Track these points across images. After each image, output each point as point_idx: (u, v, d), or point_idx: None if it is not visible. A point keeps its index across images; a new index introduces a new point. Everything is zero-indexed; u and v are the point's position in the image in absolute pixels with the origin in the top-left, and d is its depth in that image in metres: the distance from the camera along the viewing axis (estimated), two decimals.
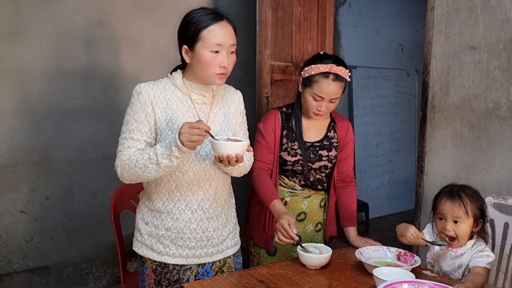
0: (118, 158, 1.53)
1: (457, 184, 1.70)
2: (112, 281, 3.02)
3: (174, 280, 1.61)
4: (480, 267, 1.56)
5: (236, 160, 1.44)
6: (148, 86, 1.55)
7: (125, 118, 1.55)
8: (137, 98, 1.53)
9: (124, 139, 1.54)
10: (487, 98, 2.19)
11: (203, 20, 1.50)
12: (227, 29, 1.52)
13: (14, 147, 2.62)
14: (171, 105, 1.55)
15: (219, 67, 1.50)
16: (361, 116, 4.60)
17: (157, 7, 2.97)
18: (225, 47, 1.50)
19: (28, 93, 2.63)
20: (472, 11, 2.23)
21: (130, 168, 1.48)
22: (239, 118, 1.72)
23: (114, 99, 2.86)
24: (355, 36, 4.48)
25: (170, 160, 1.42)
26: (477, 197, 1.64)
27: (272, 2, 2.78)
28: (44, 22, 2.64)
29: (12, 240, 2.66)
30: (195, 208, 1.59)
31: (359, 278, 1.56)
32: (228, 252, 1.70)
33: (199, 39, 1.49)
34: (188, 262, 1.61)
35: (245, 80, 3.24)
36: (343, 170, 2.03)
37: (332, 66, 1.80)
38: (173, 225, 1.58)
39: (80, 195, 2.84)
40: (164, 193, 1.58)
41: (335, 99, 1.84)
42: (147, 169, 1.46)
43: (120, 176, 1.54)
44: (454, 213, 1.61)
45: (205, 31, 1.48)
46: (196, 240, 1.60)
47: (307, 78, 1.85)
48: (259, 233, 1.97)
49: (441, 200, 1.66)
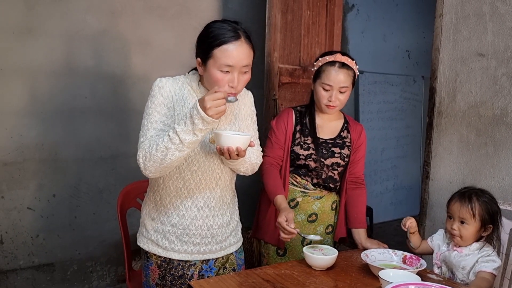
0: (140, 149, 1.48)
1: (475, 188, 1.72)
2: (116, 280, 3.03)
3: (179, 276, 1.63)
4: (486, 272, 1.57)
5: (237, 154, 1.44)
6: (169, 82, 1.55)
7: (146, 112, 1.53)
8: (159, 92, 1.52)
9: (146, 130, 1.50)
10: (494, 104, 2.19)
11: (218, 38, 1.45)
12: (241, 49, 1.46)
13: (23, 144, 2.65)
14: (188, 105, 1.55)
15: (228, 86, 1.47)
16: (367, 121, 4.61)
17: (167, 8, 2.99)
18: (236, 68, 1.46)
19: (37, 91, 2.66)
20: (480, 18, 2.23)
21: (152, 154, 1.43)
22: (247, 120, 1.73)
23: (123, 99, 2.88)
24: (362, 42, 4.50)
25: (194, 134, 1.39)
26: (490, 203, 1.65)
27: (282, 5, 2.80)
28: (56, 22, 2.67)
29: (18, 236, 2.68)
30: (201, 206, 1.61)
31: (364, 280, 1.57)
32: (231, 249, 1.73)
33: (211, 56, 1.46)
34: (193, 258, 1.64)
35: (253, 82, 3.21)
36: (354, 172, 2.07)
37: (337, 55, 1.89)
38: (179, 221, 1.60)
39: (86, 193, 2.86)
40: (172, 190, 1.60)
41: (344, 89, 1.88)
42: (170, 151, 1.40)
43: (143, 168, 1.48)
44: (461, 213, 1.64)
45: (218, 49, 1.44)
46: (201, 236, 1.62)
47: (316, 71, 1.93)
48: (270, 231, 1.99)
49: (452, 199, 1.70)
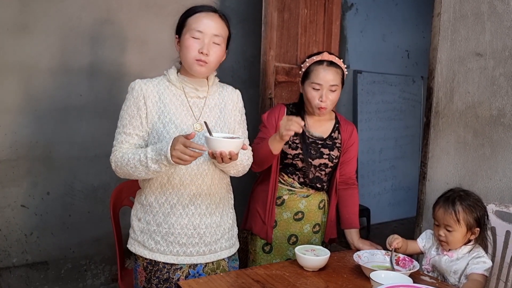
0: (113, 153, 1.58)
1: (458, 189, 1.70)
2: (110, 279, 3.01)
3: (164, 279, 1.58)
4: (478, 274, 1.56)
5: (230, 158, 1.42)
6: (142, 82, 1.60)
7: (120, 114, 1.61)
8: (131, 93, 1.59)
9: (117, 134, 1.59)
10: (491, 105, 2.17)
11: (194, 9, 1.56)
12: (214, 18, 1.55)
13: (17, 142, 2.63)
14: (163, 99, 1.57)
15: (198, 53, 1.51)
16: (365, 121, 4.59)
17: (163, 6, 2.98)
18: (207, 35, 1.52)
19: (32, 88, 2.64)
20: (478, 17, 2.21)
21: (122, 166, 1.53)
22: (237, 116, 1.71)
23: (118, 97, 2.85)
24: (361, 41, 4.47)
25: (159, 166, 1.46)
26: (475, 206, 1.63)
27: (279, 4, 2.78)
28: (51, 19, 2.66)
29: (12, 234, 2.66)
30: (186, 203, 1.57)
31: (356, 281, 1.55)
32: (222, 254, 1.65)
33: (185, 25, 1.55)
34: (179, 261, 1.57)
35: (249, 82, 3.24)
36: (345, 172, 2.03)
37: (324, 54, 1.90)
38: (164, 220, 1.57)
39: (81, 192, 2.85)
40: (156, 186, 1.58)
41: (335, 87, 1.87)
42: (137, 169, 1.50)
43: (114, 171, 1.59)
44: (445, 220, 1.63)
45: (191, 18, 1.55)
46: (188, 236, 1.57)
47: (304, 73, 1.92)
48: (259, 224, 1.97)
49: (437, 205, 1.69)
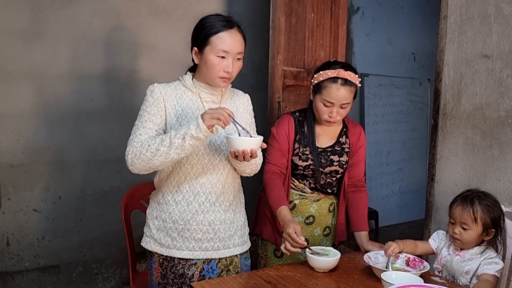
0: (129, 145, 1.58)
1: (477, 190, 1.70)
2: (121, 282, 3.04)
3: (179, 274, 1.65)
4: (489, 274, 1.56)
5: (251, 156, 1.51)
6: (161, 85, 1.67)
7: (139, 114, 1.65)
8: (151, 95, 1.64)
9: (136, 129, 1.61)
10: (499, 106, 2.18)
11: (214, 26, 1.58)
12: (236, 37, 1.60)
13: (29, 147, 2.67)
14: (181, 103, 1.64)
15: (223, 71, 1.59)
16: (373, 124, 4.59)
17: (172, 12, 3.02)
18: (231, 54, 1.59)
19: (44, 94, 2.68)
20: (485, 19, 2.22)
21: (142, 153, 1.52)
22: (248, 118, 1.80)
23: (128, 102, 2.90)
24: (367, 44, 4.49)
25: (183, 139, 1.47)
26: (493, 207, 1.63)
27: (286, 8, 2.81)
28: (62, 25, 2.70)
29: (24, 238, 2.70)
30: (202, 201, 1.65)
31: (367, 282, 1.56)
32: (235, 250, 1.73)
33: (208, 43, 1.58)
34: (195, 256, 1.65)
35: (257, 86, 3.26)
36: (354, 175, 2.03)
37: (340, 71, 1.80)
38: (180, 216, 1.64)
39: (92, 196, 2.88)
40: (174, 185, 1.65)
41: (346, 105, 1.83)
42: (158, 152, 1.50)
43: (130, 164, 1.57)
44: (462, 218, 1.62)
45: (214, 37, 1.57)
46: (203, 232, 1.65)
47: (316, 85, 1.85)
48: (269, 230, 1.98)
49: (454, 203, 1.68)
